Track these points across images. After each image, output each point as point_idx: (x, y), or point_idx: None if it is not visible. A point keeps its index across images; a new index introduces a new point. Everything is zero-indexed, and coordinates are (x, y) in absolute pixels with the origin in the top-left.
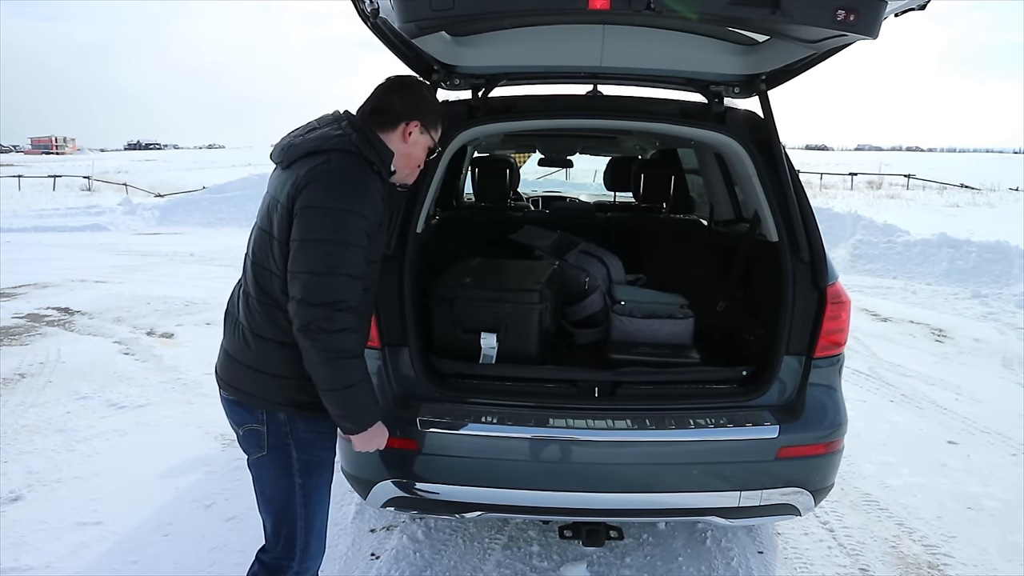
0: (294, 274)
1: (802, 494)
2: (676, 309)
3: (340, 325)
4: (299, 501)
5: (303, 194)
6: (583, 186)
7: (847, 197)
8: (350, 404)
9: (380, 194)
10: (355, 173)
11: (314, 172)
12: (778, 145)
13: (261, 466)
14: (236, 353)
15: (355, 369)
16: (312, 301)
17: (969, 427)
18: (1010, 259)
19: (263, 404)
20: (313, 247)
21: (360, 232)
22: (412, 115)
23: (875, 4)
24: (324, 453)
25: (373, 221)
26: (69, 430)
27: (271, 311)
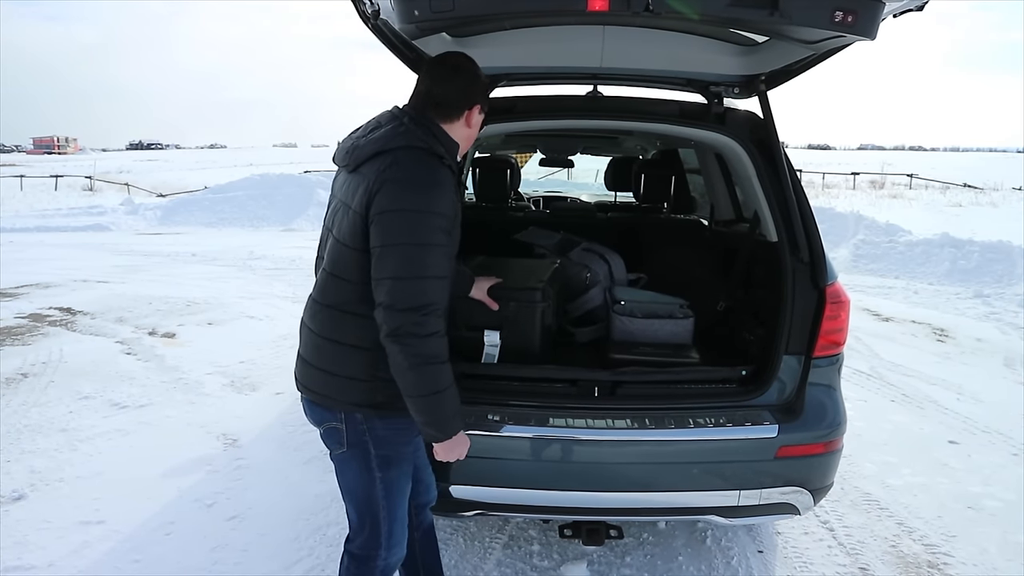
0: (379, 280)
1: (801, 493)
2: (676, 309)
3: (429, 329)
4: (381, 494)
5: (377, 199)
6: (584, 186)
7: (849, 197)
8: (437, 411)
9: (452, 187)
10: (426, 170)
11: (385, 175)
12: (777, 145)
13: (342, 462)
14: (309, 357)
15: (443, 375)
16: (399, 307)
17: (970, 427)
18: (1013, 259)
19: (339, 405)
20: (395, 251)
21: (439, 230)
22: (474, 100)
23: (873, 5)
24: (402, 448)
25: (450, 216)
26: (71, 429)
27: (339, 317)
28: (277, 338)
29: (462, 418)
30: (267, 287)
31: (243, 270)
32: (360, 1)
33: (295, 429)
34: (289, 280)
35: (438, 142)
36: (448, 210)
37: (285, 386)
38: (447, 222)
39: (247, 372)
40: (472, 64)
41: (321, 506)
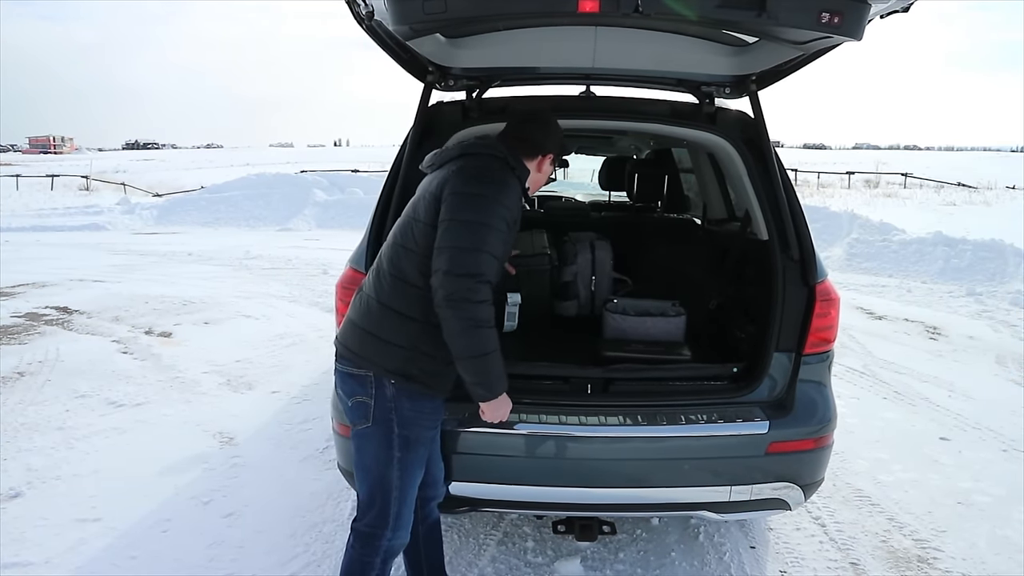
0: (441, 248)
1: (792, 489)
2: (668, 307)
3: (482, 296)
4: (396, 474)
5: (450, 182)
6: (580, 185)
7: (844, 196)
8: (486, 371)
9: (518, 195)
10: (500, 171)
11: (463, 166)
12: (768, 145)
13: (364, 437)
14: (358, 319)
15: (491, 338)
16: (457, 272)
17: (961, 424)
18: (1005, 257)
19: (374, 368)
20: (460, 225)
21: (501, 219)
22: (550, 148)
23: (859, 6)
24: (424, 432)
25: (512, 214)
26: (68, 428)
27: (399, 284)
28: (273, 337)
29: (506, 380)
30: (263, 286)
31: (239, 269)
32: (354, 2)
33: (291, 427)
34: (285, 280)
35: (518, 162)
36: (512, 206)
37: (281, 385)
38: (510, 214)
39: (243, 371)
40: (554, 120)
41: (317, 503)
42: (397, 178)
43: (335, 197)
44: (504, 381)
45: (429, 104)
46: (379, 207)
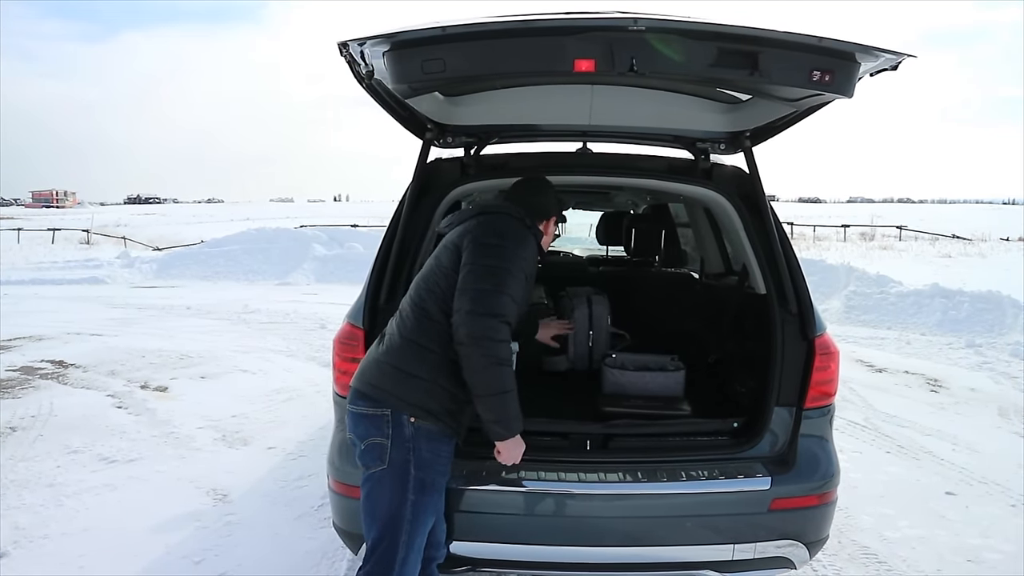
0: (463, 290)
1: (796, 546)
2: (667, 361)
3: (503, 336)
4: (407, 516)
5: (471, 233)
6: (578, 240)
7: (840, 249)
8: (504, 409)
9: (535, 250)
10: (518, 228)
11: (482, 221)
12: (764, 199)
13: (378, 481)
14: (380, 354)
15: (511, 377)
16: (480, 311)
17: (967, 478)
18: (1003, 308)
19: (393, 402)
20: (483, 268)
21: (520, 268)
22: (552, 211)
23: (849, 65)
24: (439, 477)
25: (529, 266)
26: (59, 485)
27: (422, 319)
28: (270, 392)
29: (522, 422)
30: (261, 341)
31: (237, 323)
32: (355, 62)
33: (287, 484)
34: (283, 334)
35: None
36: (530, 258)
37: (277, 440)
38: (528, 266)
39: (239, 426)
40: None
41: (312, 562)
42: (396, 233)
43: (334, 252)
44: (520, 421)
45: (428, 160)
46: (377, 262)
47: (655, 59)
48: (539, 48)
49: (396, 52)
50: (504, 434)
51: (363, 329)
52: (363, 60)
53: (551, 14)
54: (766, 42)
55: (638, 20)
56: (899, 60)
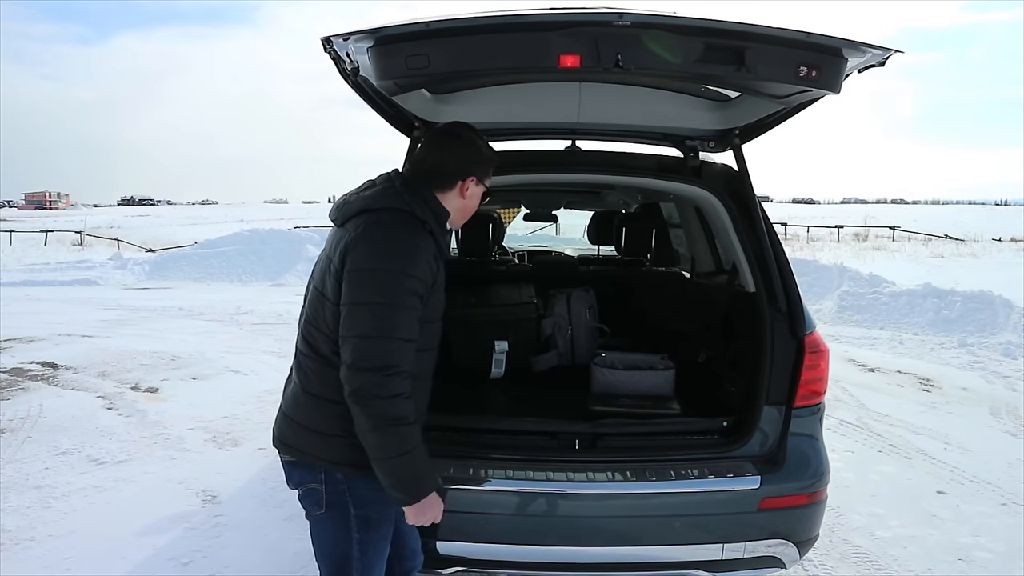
0: (344, 338)
1: (786, 546)
2: (657, 360)
3: (393, 391)
4: (356, 555)
5: (351, 256)
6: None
7: (834, 249)
8: (401, 473)
9: (431, 253)
10: (404, 232)
11: (363, 232)
12: (753, 197)
13: (320, 523)
14: (290, 411)
15: (408, 437)
16: (362, 366)
17: (958, 477)
18: (994, 308)
19: (319, 462)
20: (362, 311)
21: (410, 293)
22: (468, 172)
23: (836, 61)
24: (384, 509)
25: (423, 280)
26: (46, 486)
27: (322, 369)
28: (261, 393)
29: (433, 480)
30: (253, 342)
31: (229, 325)
32: (340, 59)
33: (276, 485)
34: (276, 335)
35: (426, 207)
36: (423, 274)
37: (268, 441)
38: (421, 286)
39: (230, 427)
40: (474, 135)
41: (300, 564)
42: None
43: None
44: (429, 483)
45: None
46: None
47: (641, 55)
48: (524, 44)
49: (380, 48)
50: (405, 500)
51: None
52: (348, 57)
53: (536, 9)
54: (753, 38)
55: (623, 15)
56: (886, 56)
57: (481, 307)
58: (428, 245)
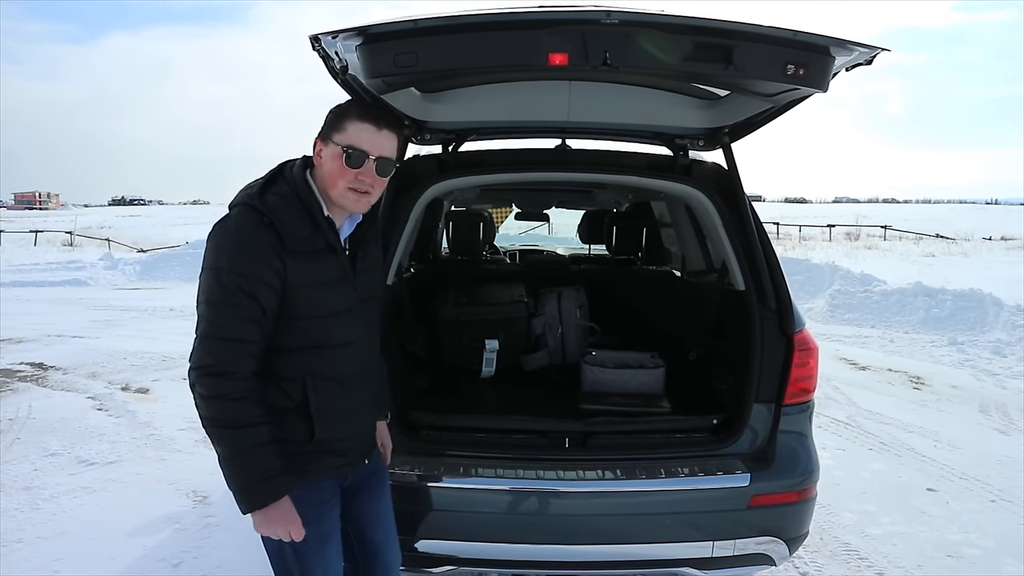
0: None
1: (776, 543)
2: (647, 359)
3: (215, 391)
4: (292, 559)
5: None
6: (564, 240)
7: (826, 248)
8: (231, 477)
9: (268, 246)
10: (238, 229)
11: (213, 228)
12: (742, 196)
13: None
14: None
15: (235, 440)
16: (192, 364)
17: (948, 474)
18: (984, 306)
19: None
20: (198, 310)
21: (234, 290)
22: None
23: (824, 59)
24: (305, 511)
25: (255, 276)
26: (35, 488)
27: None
28: None
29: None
30: None
31: None
32: (328, 57)
33: None
34: None
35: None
36: (252, 269)
37: None
38: (249, 282)
39: None
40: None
41: None
42: None
43: None
44: (264, 493)
45: (405, 157)
46: None
47: (629, 53)
48: (512, 42)
49: (368, 46)
50: (240, 506)
51: None
52: (336, 55)
53: (524, 8)
54: (741, 36)
55: (611, 14)
56: (873, 54)
57: (472, 306)
58: (266, 238)
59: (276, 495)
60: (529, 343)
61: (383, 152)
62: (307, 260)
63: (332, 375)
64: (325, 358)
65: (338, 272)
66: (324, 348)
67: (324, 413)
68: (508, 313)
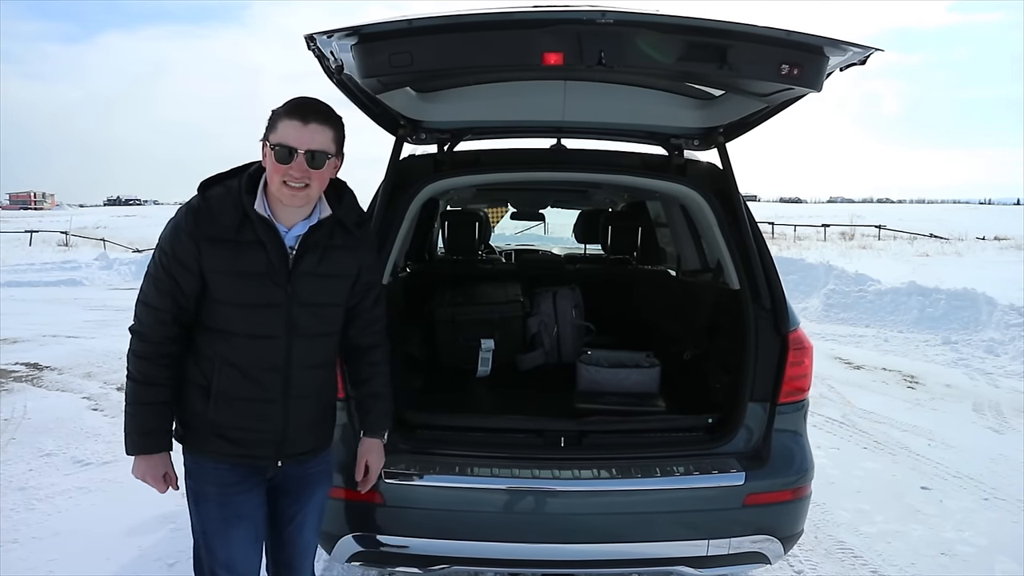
0: None
1: (771, 541)
2: (642, 358)
3: (131, 347)
4: (198, 529)
5: None
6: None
7: (820, 248)
8: (125, 423)
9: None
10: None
11: None
12: (737, 195)
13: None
14: None
15: (134, 392)
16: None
17: (942, 472)
18: (978, 306)
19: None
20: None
21: (158, 264)
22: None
23: (818, 59)
24: (203, 487)
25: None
26: (30, 488)
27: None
28: None
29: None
30: None
31: None
32: (323, 57)
33: None
34: None
35: (223, 190)
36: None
37: None
38: (167, 260)
39: None
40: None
41: None
42: None
43: None
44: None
45: (400, 157)
46: None
47: (624, 53)
48: (507, 41)
49: (363, 45)
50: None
51: None
52: (332, 55)
53: (519, 7)
54: (735, 36)
55: (606, 13)
56: (867, 54)
57: (467, 305)
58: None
59: (149, 449)
60: (525, 342)
61: (312, 146)
62: (228, 249)
63: (237, 363)
64: (234, 345)
65: (263, 267)
66: (234, 335)
67: (222, 397)
68: (504, 312)
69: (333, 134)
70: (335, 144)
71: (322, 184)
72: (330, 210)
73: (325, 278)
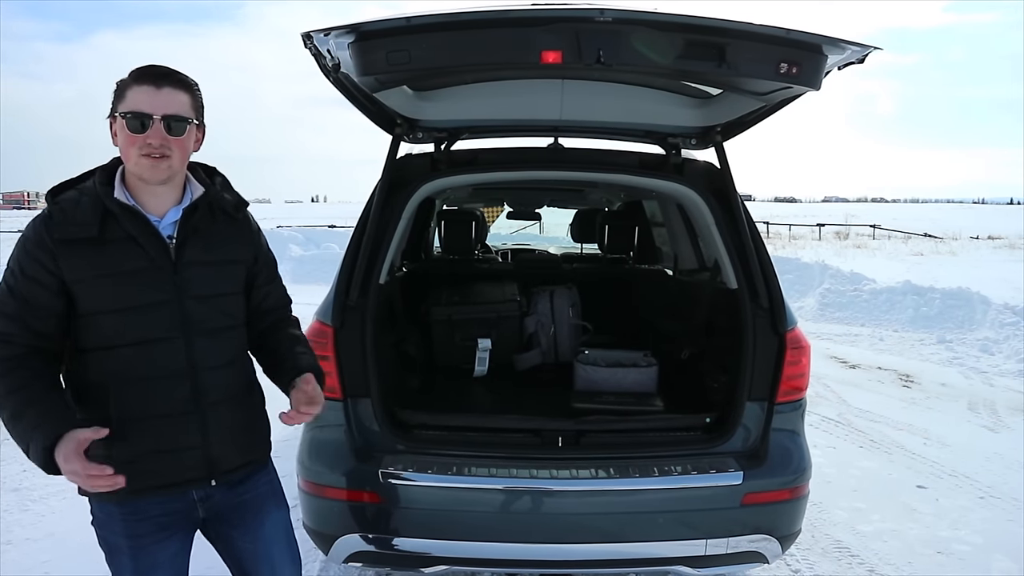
0: None
1: (769, 541)
2: (640, 357)
3: None
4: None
5: None
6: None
7: (815, 247)
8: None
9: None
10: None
11: None
12: (734, 194)
13: None
14: None
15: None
16: None
17: (937, 471)
18: (972, 305)
19: None
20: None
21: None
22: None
23: (816, 58)
24: (112, 538)
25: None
26: (24, 489)
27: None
28: None
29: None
30: None
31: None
32: (320, 55)
33: None
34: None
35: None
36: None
37: None
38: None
39: None
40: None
41: None
42: (365, 230)
43: (310, 252)
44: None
45: (397, 156)
46: (347, 259)
47: (622, 51)
48: (505, 39)
49: (360, 43)
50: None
51: (332, 327)
52: (329, 53)
53: (517, 5)
54: (734, 34)
55: (604, 12)
56: (865, 53)
57: (464, 305)
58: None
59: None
60: (522, 342)
61: (168, 110)
62: (90, 249)
63: (133, 377)
64: (124, 358)
65: (142, 262)
66: (122, 347)
67: (126, 423)
68: (501, 312)
69: (190, 99)
70: (194, 111)
71: (184, 155)
72: (203, 188)
73: (216, 265)
